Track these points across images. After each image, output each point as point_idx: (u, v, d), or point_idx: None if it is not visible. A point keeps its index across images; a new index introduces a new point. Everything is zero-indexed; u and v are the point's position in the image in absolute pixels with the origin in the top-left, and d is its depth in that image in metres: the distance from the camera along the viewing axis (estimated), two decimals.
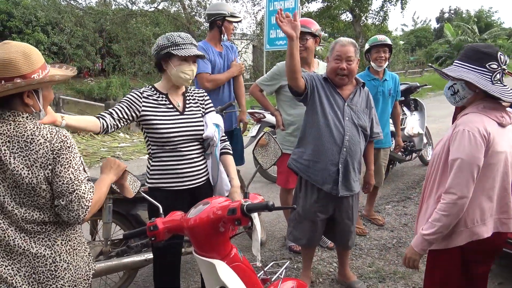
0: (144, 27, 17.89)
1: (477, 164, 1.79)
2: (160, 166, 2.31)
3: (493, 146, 1.81)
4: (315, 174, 2.77)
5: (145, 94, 2.29)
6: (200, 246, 1.63)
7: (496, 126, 1.84)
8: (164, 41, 2.23)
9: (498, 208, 1.89)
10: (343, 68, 2.67)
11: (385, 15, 21.84)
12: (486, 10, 43.45)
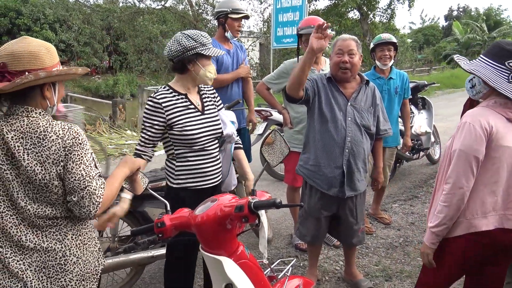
0: (151, 25, 17.92)
1: (475, 155, 1.81)
2: (186, 166, 2.32)
3: (497, 139, 1.81)
4: (321, 179, 2.77)
5: (164, 102, 2.23)
6: (207, 243, 1.63)
7: (504, 121, 1.83)
8: (191, 42, 2.19)
9: (504, 204, 1.88)
10: (345, 61, 2.65)
11: (392, 13, 21.70)
12: (496, 8, 43.03)
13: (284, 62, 3.56)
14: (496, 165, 1.84)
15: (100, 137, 8.81)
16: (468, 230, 1.89)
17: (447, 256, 1.99)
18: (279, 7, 9.84)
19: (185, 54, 2.20)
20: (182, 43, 2.19)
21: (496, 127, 1.81)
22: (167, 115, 2.23)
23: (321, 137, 2.73)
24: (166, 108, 2.23)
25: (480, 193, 1.86)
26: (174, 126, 2.24)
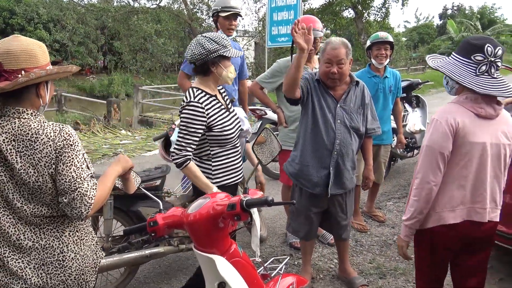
0: (146, 24, 17.88)
1: (441, 151, 1.87)
2: (223, 165, 2.40)
3: (464, 135, 1.86)
4: (305, 178, 2.79)
5: (204, 104, 2.27)
6: (199, 242, 1.63)
7: (473, 117, 1.88)
8: (214, 44, 2.23)
9: (473, 198, 1.93)
10: (334, 72, 2.62)
11: (387, 12, 21.76)
12: (489, 7, 43.33)
13: (278, 61, 3.54)
14: (464, 160, 1.89)
15: (95, 137, 8.79)
16: (438, 222, 1.96)
17: (420, 248, 2.08)
18: (273, 6, 9.84)
19: (208, 56, 2.24)
20: (206, 46, 2.23)
21: (463, 123, 1.86)
22: (208, 117, 2.27)
23: (310, 138, 2.75)
24: (207, 110, 2.27)
25: (449, 187, 1.93)
26: (213, 127, 2.29)
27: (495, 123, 1.90)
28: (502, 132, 1.90)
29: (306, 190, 2.84)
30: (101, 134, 9.10)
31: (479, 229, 1.95)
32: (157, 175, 3.04)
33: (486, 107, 1.87)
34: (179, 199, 3.19)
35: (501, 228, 2.93)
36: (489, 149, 1.89)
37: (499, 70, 1.90)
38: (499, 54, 1.84)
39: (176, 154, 2.24)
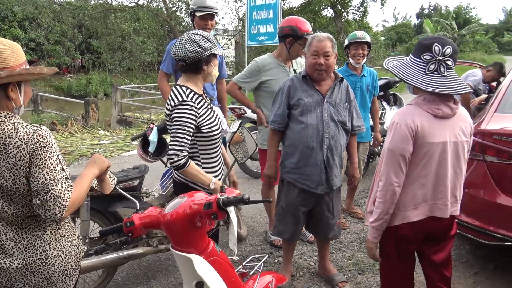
0: (124, 23, 17.65)
1: (402, 153, 1.93)
2: (210, 164, 2.37)
3: (423, 136, 1.92)
4: (309, 179, 2.78)
5: (196, 103, 2.24)
6: (177, 241, 1.63)
7: (431, 118, 1.93)
8: (207, 42, 2.22)
9: (434, 195, 1.99)
10: (321, 63, 2.67)
11: (365, 11, 22.03)
12: (465, 7, 44.32)
13: (255, 59, 3.51)
14: (424, 160, 1.96)
15: (72, 137, 8.64)
16: (402, 220, 2.02)
17: (386, 244, 2.13)
18: (253, 5, 9.83)
19: (203, 54, 2.21)
20: (202, 44, 2.20)
21: (422, 125, 1.92)
22: (198, 116, 2.24)
23: (301, 138, 2.75)
24: (198, 110, 2.25)
25: (411, 186, 1.99)
26: (202, 126, 2.27)
27: (453, 121, 1.96)
28: (460, 130, 1.96)
29: (294, 188, 2.84)
30: (79, 135, 8.95)
31: (441, 224, 2.03)
32: (135, 175, 3.01)
33: (443, 107, 1.93)
34: (158, 199, 3.16)
35: (461, 218, 3.04)
36: (449, 148, 1.95)
37: (453, 69, 1.94)
38: (448, 53, 1.90)
39: (177, 156, 2.15)
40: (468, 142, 2.01)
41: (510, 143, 2.89)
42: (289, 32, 3.35)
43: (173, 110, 2.21)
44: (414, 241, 2.07)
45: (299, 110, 2.75)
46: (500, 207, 2.95)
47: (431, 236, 2.08)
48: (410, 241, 2.07)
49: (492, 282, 3.13)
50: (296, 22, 3.38)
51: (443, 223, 2.04)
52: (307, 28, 3.35)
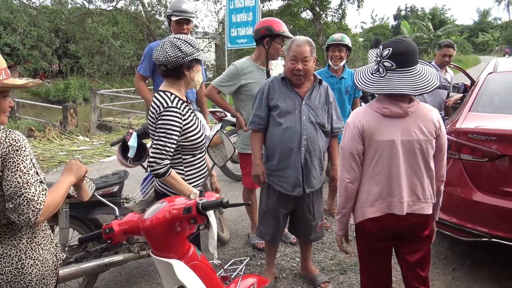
0: (102, 27, 17.42)
1: (350, 152, 2.05)
2: (194, 171, 2.34)
3: (370, 135, 2.02)
4: (286, 181, 2.81)
5: (181, 110, 2.19)
6: (157, 247, 1.62)
7: (379, 117, 2.02)
8: (189, 47, 2.17)
9: (389, 192, 2.05)
10: (299, 69, 2.69)
11: (343, 13, 22.29)
12: (440, 8, 45.27)
13: (234, 63, 3.50)
14: (376, 158, 2.04)
15: (50, 143, 8.48)
16: (362, 217, 2.11)
17: (359, 241, 2.23)
18: (232, 7, 9.85)
19: (184, 59, 2.16)
20: (183, 49, 2.15)
21: (368, 124, 2.01)
22: (184, 123, 2.20)
23: (279, 140, 2.77)
24: (183, 116, 2.20)
25: (366, 184, 2.08)
26: (187, 134, 2.22)
27: (408, 120, 2.00)
28: (416, 128, 2.00)
29: (274, 191, 2.86)
30: (57, 141, 8.79)
31: (406, 222, 2.05)
32: (114, 181, 2.98)
33: (391, 107, 1.99)
34: (139, 205, 3.14)
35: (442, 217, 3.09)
36: (399, 146, 2.00)
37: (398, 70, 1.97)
38: (385, 55, 1.97)
39: (157, 164, 2.11)
40: (431, 141, 2.02)
41: (484, 142, 2.97)
42: (265, 33, 3.36)
43: (158, 116, 2.15)
44: (381, 238, 2.12)
45: (277, 112, 2.77)
46: (476, 204, 3.02)
47: (402, 234, 2.11)
48: (378, 238, 2.12)
49: (470, 278, 3.20)
50: (271, 22, 3.41)
51: (410, 222, 2.05)
52: (281, 27, 3.37)
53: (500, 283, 3.10)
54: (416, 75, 1.97)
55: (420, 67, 2.01)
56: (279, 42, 3.37)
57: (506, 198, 2.91)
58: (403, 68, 1.96)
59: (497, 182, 2.95)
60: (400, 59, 1.95)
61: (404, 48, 1.97)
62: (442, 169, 2.12)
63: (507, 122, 3.12)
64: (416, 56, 2.01)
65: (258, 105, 2.85)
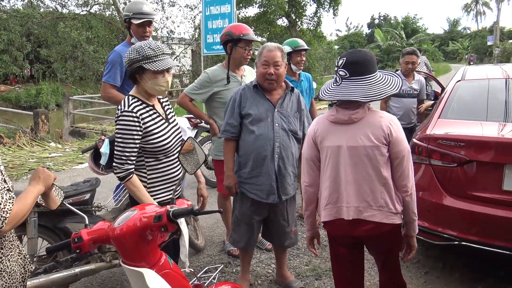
0: (75, 31, 17.09)
1: (306, 157, 2.21)
2: (158, 177, 2.30)
3: (321, 141, 2.14)
4: (260, 189, 2.81)
5: (139, 113, 2.17)
6: (127, 256, 1.58)
7: (327, 123, 2.13)
8: (135, 54, 2.12)
9: (337, 197, 2.10)
10: (271, 73, 2.71)
11: (319, 21, 22.56)
12: (412, 17, 46.41)
13: (205, 71, 3.49)
14: (326, 163, 2.13)
15: (20, 150, 8.25)
16: (320, 220, 2.24)
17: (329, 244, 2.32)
18: (208, 14, 9.85)
19: (132, 66, 2.15)
20: (129, 55, 2.14)
21: (319, 131, 2.14)
22: (144, 126, 2.17)
23: (252, 148, 2.77)
24: (142, 119, 2.17)
25: (322, 188, 2.18)
26: (148, 136, 2.20)
27: (356, 127, 2.05)
28: (363, 135, 2.03)
29: (248, 198, 2.86)
30: (28, 148, 8.56)
31: (360, 228, 2.05)
32: (85, 188, 2.92)
33: (337, 113, 2.08)
34: (111, 213, 3.08)
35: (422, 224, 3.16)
36: (345, 152, 2.05)
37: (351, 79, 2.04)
38: (340, 64, 2.08)
39: (118, 167, 2.15)
40: (379, 147, 2.01)
41: (453, 147, 3.05)
42: (226, 39, 3.38)
43: (116, 120, 2.19)
44: (343, 243, 2.17)
45: (250, 120, 2.77)
46: (446, 209, 3.09)
47: (362, 241, 2.15)
48: (340, 243, 2.19)
49: (442, 281, 3.27)
50: (231, 27, 3.43)
51: (363, 228, 2.04)
52: (242, 30, 3.35)
53: (471, 284, 3.17)
54: (369, 83, 2.01)
55: (379, 76, 2.05)
56: (242, 47, 3.35)
57: (474, 202, 2.99)
58: (355, 76, 2.02)
59: (466, 187, 3.02)
60: (353, 68, 2.02)
61: (356, 57, 2.04)
62: (403, 179, 2.03)
63: (474, 128, 3.22)
64: (370, 65, 2.04)
65: (230, 113, 2.84)
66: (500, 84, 3.69)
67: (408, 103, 4.96)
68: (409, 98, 4.97)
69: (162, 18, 20.60)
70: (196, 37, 20.22)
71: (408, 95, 4.95)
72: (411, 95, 4.98)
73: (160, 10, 20.65)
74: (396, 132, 2.02)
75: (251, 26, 18.60)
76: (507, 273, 3.24)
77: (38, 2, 19.83)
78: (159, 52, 2.14)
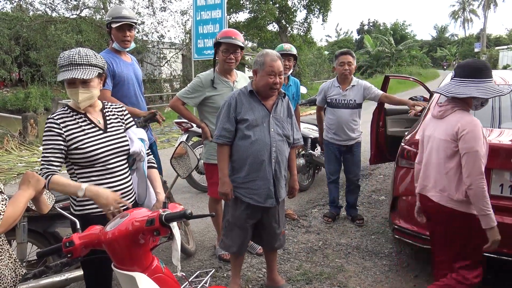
0: (65, 34, 16.98)
1: (420, 139, 2.76)
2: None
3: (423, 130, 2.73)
4: (257, 193, 2.82)
5: (62, 122, 2.12)
6: (119, 260, 1.58)
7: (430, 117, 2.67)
8: (59, 60, 2.09)
9: (423, 175, 2.64)
10: (277, 82, 2.76)
11: (309, 27, 22.75)
12: (401, 23, 46.90)
13: (198, 75, 3.50)
14: (425, 148, 2.65)
15: (9, 155, 8.16)
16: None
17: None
18: (199, 19, 9.88)
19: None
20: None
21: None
22: (66, 134, 2.10)
23: (248, 153, 2.79)
24: (64, 127, 2.11)
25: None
26: (72, 145, 2.11)
27: (441, 122, 2.49)
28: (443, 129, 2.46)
29: (242, 202, 2.86)
30: (16, 152, 8.47)
31: (427, 203, 2.58)
32: None
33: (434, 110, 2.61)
34: None
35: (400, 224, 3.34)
36: (432, 140, 2.55)
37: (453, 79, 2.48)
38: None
39: (40, 170, 2.08)
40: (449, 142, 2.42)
41: None
42: (214, 43, 3.46)
43: None
44: (424, 213, 2.74)
45: (246, 125, 2.79)
46: None
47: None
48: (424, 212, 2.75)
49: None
50: (219, 32, 3.47)
51: (428, 204, 2.58)
52: (223, 34, 3.39)
53: None
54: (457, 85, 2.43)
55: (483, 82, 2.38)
56: (221, 50, 3.36)
57: None
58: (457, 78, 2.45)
59: None
60: (457, 70, 2.47)
61: (465, 63, 2.48)
62: (464, 173, 2.33)
63: None
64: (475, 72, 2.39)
65: (225, 118, 2.83)
66: None
67: (342, 116, 4.26)
68: (344, 110, 4.27)
69: (153, 23, 20.60)
70: (187, 42, 20.24)
71: (344, 106, 4.27)
72: (346, 106, 4.27)
73: (151, 15, 20.65)
74: (464, 133, 2.32)
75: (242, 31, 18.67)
76: (494, 277, 3.29)
77: (28, 6, 19.68)
78: (66, 63, 2.05)
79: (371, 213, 4.85)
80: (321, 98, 4.49)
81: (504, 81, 3.82)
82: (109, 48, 3.48)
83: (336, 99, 4.32)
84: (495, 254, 2.89)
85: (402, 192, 3.40)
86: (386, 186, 5.46)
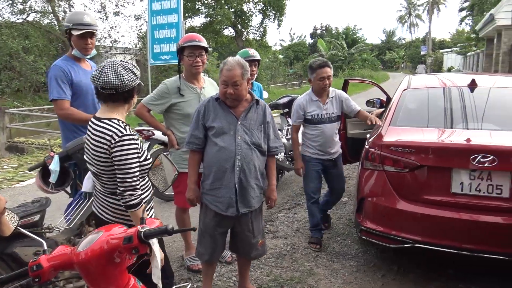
0: (12, 40, 16.14)
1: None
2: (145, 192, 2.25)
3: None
4: (220, 201, 2.78)
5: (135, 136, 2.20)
6: (93, 281, 1.50)
7: None
8: (136, 71, 2.23)
9: None
10: (230, 93, 2.67)
11: (264, 31, 22.96)
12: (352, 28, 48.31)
13: (164, 81, 3.42)
14: None
15: None
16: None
17: None
18: (154, 23, 9.72)
19: (135, 83, 2.24)
20: (136, 73, 2.24)
21: None
22: (141, 150, 2.20)
23: (215, 160, 2.75)
24: (140, 142, 2.20)
25: None
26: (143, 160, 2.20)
27: None
28: None
29: (211, 210, 2.82)
30: None
31: None
32: (35, 209, 2.73)
33: None
34: (63, 234, 2.91)
35: (367, 225, 3.38)
36: None
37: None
38: None
39: (131, 195, 2.10)
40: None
41: (404, 154, 3.19)
42: (176, 51, 3.40)
43: (114, 147, 2.10)
44: None
45: (213, 132, 2.75)
46: (400, 212, 3.22)
47: None
48: None
49: (398, 282, 3.39)
50: (192, 37, 3.38)
51: None
52: (185, 39, 3.35)
53: (425, 284, 3.31)
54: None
55: None
56: (186, 55, 3.30)
57: (425, 205, 3.14)
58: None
59: (418, 191, 3.17)
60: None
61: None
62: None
63: (423, 134, 3.39)
64: None
65: (195, 125, 2.82)
66: (443, 92, 3.91)
67: (327, 131, 3.98)
68: (328, 124, 3.98)
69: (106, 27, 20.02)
70: (141, 47, 19.82)
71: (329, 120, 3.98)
72: (330, 120, 3.99)
73: (103, 20, 20.06)
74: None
75: None
76: (456, 271, 3.43)
77: None
78: None
79: (336, 215, 4.93)
80: (298, 117, 4.01)
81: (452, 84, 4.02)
82: (68, 55, 3.33)
83: (318, 115, 3.95)
84: (456, 249, 3.03)
85: (367, 194, 3.47)
86: (348, 188, 5.56)
